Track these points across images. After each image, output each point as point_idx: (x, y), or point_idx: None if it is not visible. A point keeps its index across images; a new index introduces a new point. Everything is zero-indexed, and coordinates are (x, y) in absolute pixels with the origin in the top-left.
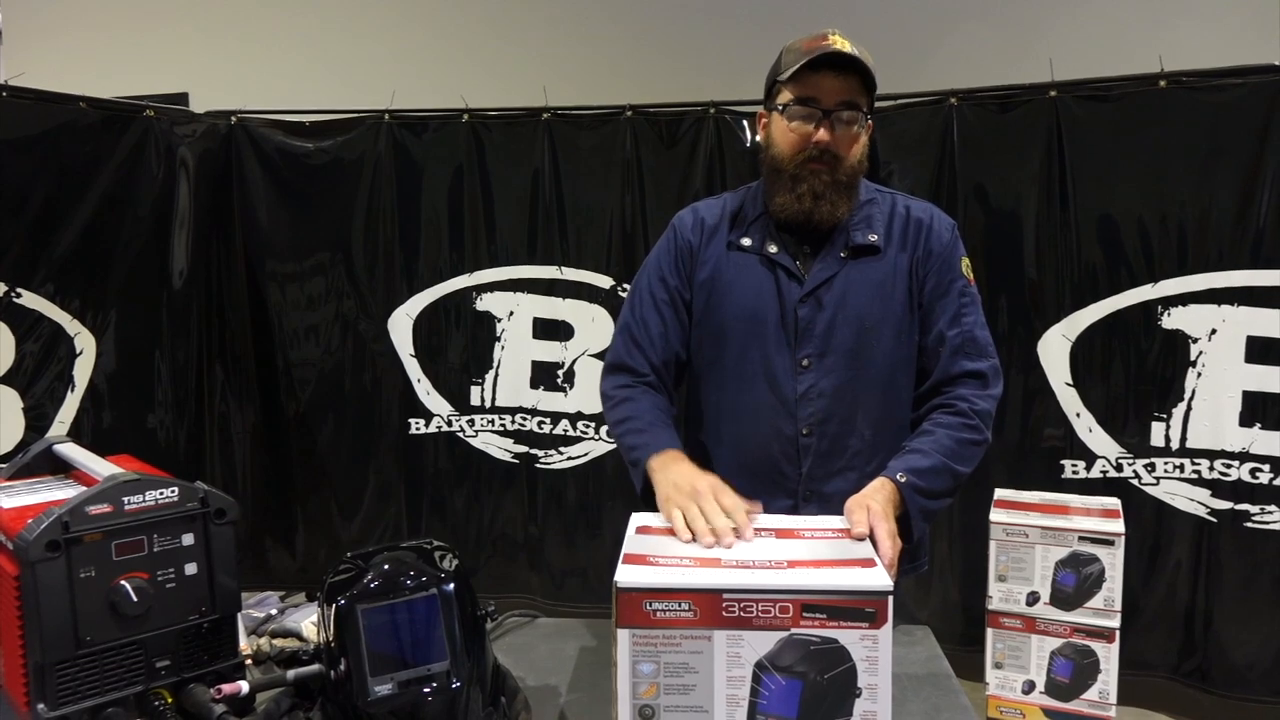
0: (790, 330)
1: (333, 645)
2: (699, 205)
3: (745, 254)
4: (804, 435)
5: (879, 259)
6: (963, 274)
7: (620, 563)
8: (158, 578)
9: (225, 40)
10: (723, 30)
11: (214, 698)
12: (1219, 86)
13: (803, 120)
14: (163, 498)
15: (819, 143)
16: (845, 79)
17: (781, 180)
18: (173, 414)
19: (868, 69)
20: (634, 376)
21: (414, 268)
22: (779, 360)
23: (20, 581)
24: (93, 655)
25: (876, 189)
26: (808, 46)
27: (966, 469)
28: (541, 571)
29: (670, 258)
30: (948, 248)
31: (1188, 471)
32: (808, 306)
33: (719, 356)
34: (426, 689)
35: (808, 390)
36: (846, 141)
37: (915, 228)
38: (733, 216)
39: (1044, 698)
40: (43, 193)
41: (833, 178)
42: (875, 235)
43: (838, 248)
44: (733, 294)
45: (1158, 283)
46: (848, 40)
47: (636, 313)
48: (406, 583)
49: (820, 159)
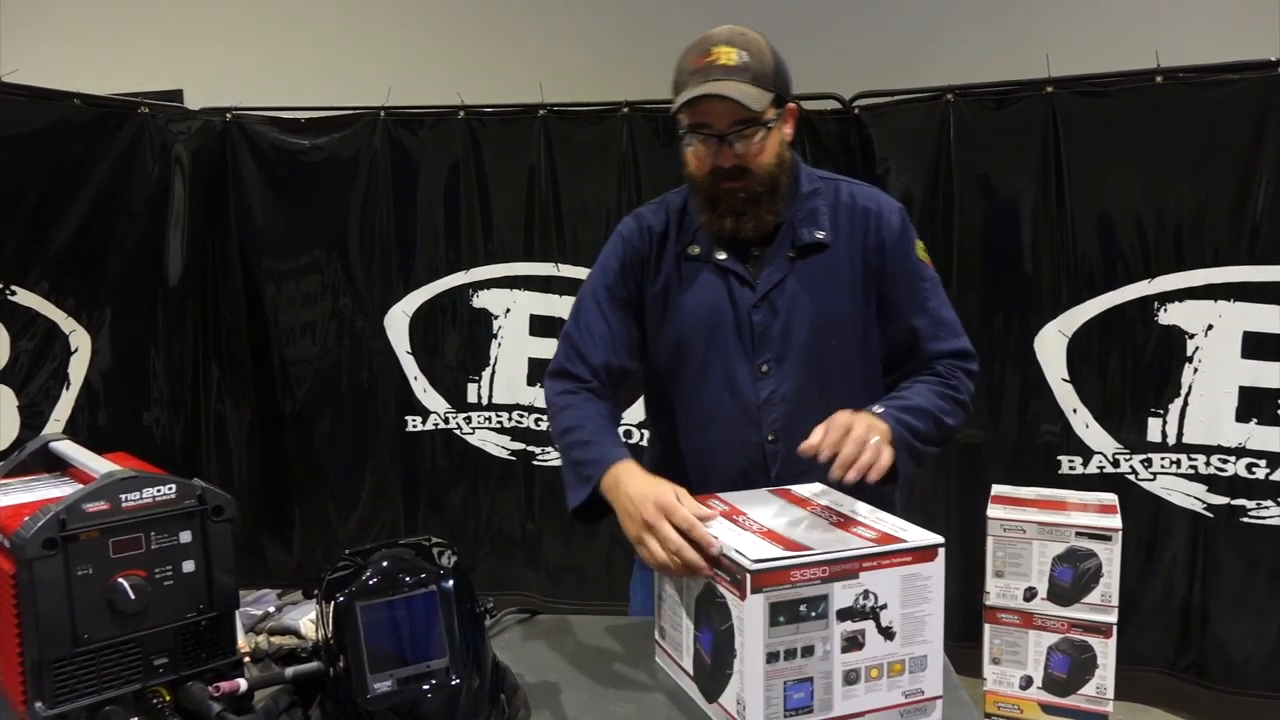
0: (747, 337)
1: (332, 642)
2: (643, 211)
3: (695, 263)
4: (770, 442)
5: (829, 254)
6: (918, 258)
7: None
8: (155, 575)
9: (220, 37)
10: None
11: (212, 695)
12: (1215, 82)
13: (702, 144)
14: (160, 495)
15: (721, 166)
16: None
17: (701, 200)
18: (168, 412)
19: (756, 78)
20: (576, 383)
21: (410, 265)
22: (739, 368)
23: (17, 579)
24: (90, 653)
25: (820, 176)
26: (694, 66)
27: (950, 420)
28: (539, 568)
29: (618, 265)
30: (899, 235)
31: (1184, 467)
32: (762, 311)
33: (678, 369)
34: (426, 686)
35: (770, 396)
36: (751, 155)
37: (863, 217)
38: (679, 221)
39: (1041, 693)
40: (37, 190)
41: (748, 192)
42: (822, 231)
43: (785, 247)
44: (686, 305)
45: (1154, 278)
46: (734, 48)
47: (581, 319)
48: (406, 579)
49: (730, 177)
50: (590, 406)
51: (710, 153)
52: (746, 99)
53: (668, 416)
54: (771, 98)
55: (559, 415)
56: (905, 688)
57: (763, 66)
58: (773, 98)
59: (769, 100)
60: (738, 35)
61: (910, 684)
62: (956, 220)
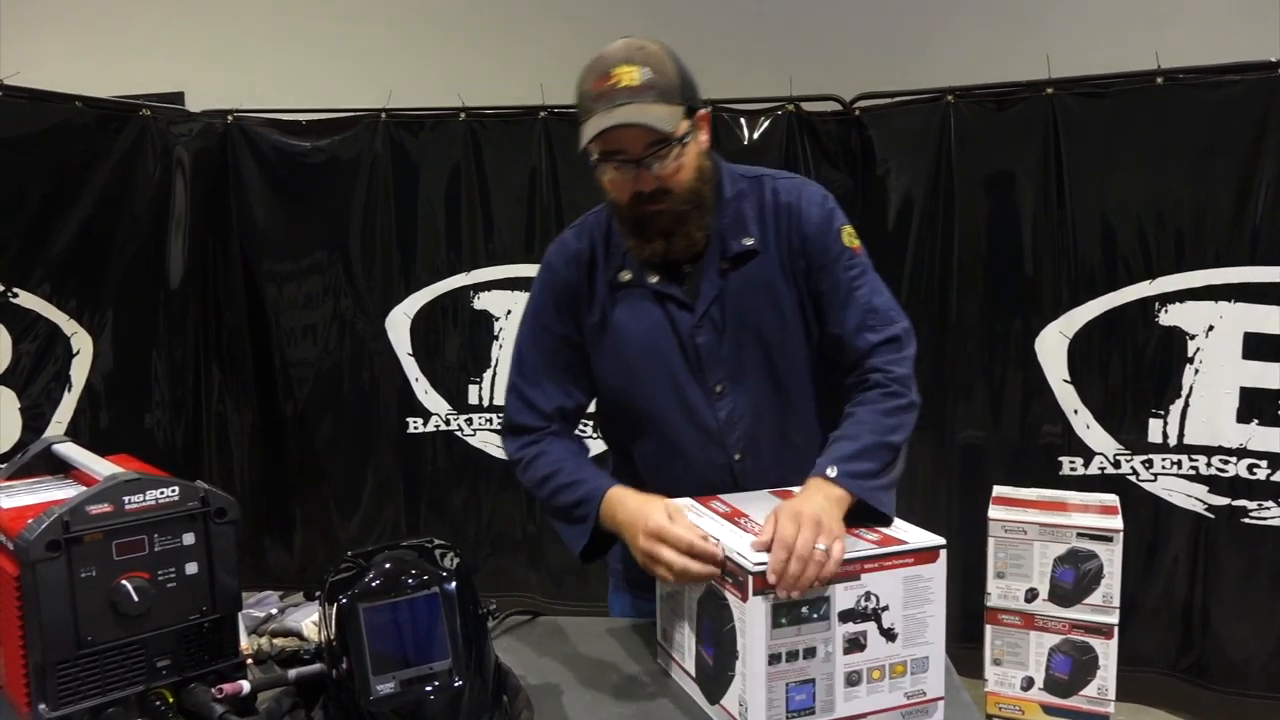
0: (694, 360)
1: (334, 644)
2: (566, 237)
3: (628, 289)
4: (737, 460)
5: (761, 260)
6: (844, 245)
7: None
8: (158, 577)
9: (221, 39)
10: (719, 29)
11: (215, 697)
12: (1216, 83)
13: (618, 171)
14: (163, 497)
15: (642, 191)
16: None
17: (626, 226)
18: (170, 414)
19: (663, 94)
20: (534, 433)
21: (411, 267)
22: (692, 392)
23: (21, 582)
24: (94, 655)
25: (744, 175)
26: (595, 91)
27: (900, 437)
28: (540, 570)
29: (551, 302)
30: (820, 226)
31: (1185, 468)
32: (704, 332)
33: (630, 403)
34: (429, 687)
35: (729, 416)
36: (671, 174)
37: (786, 214)
38: (604, 245)
39: (1043, 694)
40: (39, 192)
41: (674, 211)
42: (750, 238)
43: (716, 259)
44: (626, 336)
45: (1155, 279)
46: (634, 65)
47: (524, 368)
48: (408, 581)
49: (652, 200)
50: (557, 449)
51: (628, 178)
52: (658, 122)
53: (625, 446)
54: (683, 111)
55: (529, 469)
56: (907, 689)
57: (667, 81)
58: (684, 110)
59: (680, 114)
60: (636, 51)
61: (912, 685)
62: (957, 221)
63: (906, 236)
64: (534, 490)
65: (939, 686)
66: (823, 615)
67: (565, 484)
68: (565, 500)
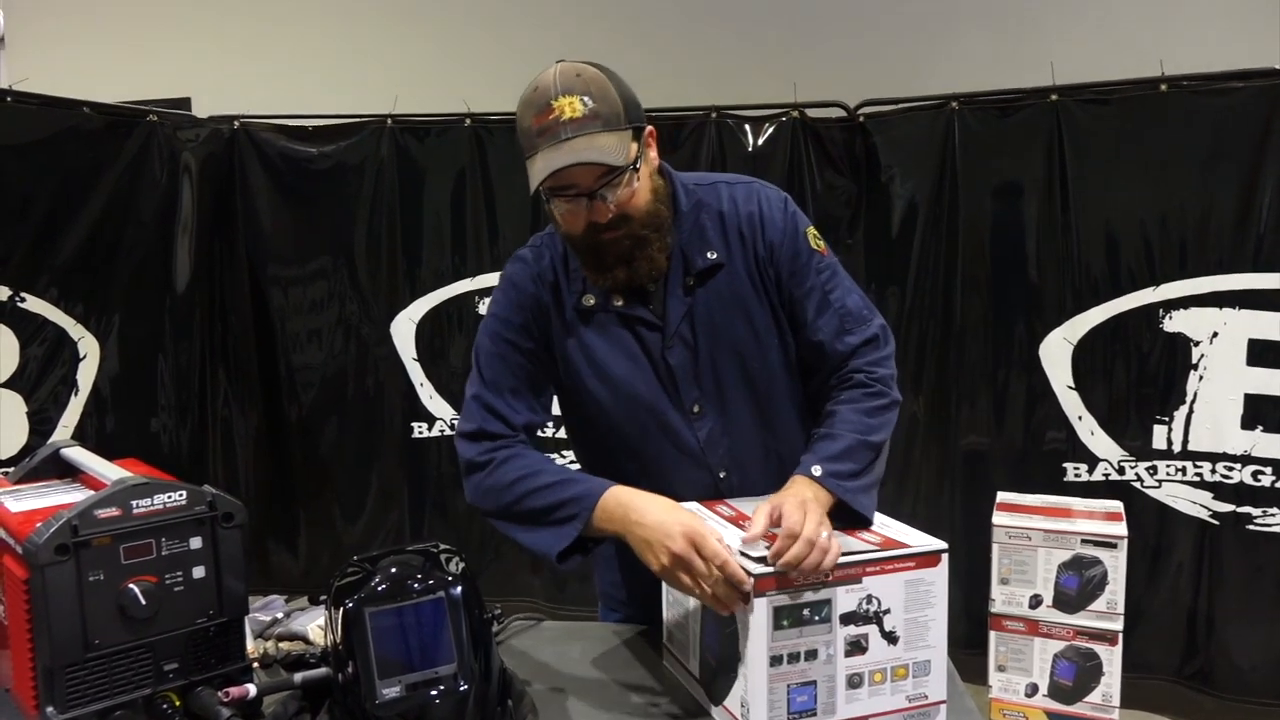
0: (667, 381)
1: (340, 648)
2: (525, 254)
3: (594, 314)
4: (721, 478)
5: (727, 272)
6: (811, 248)
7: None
8: (166, 581)
9: (228, 45)
10: (724, 35)
11: (221, 701)
12: (1220, 90)
13: (570, 204)
14: (171, 501)
15: (598, 221)
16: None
17: (584, 257)
18: (175, 418)
19: (608, 123)
20: (500, 439)
21: (416, 272)
22: (670, 415)
23: (29, 585)
24: (101, 658)
25: (698, 184)
26: (537, 126)
27: (882, 436)
28: (543, 575)
29: (519, 316)
30: (785, 231)
31: (1190, 474)
32: (675, 351)
33: (608, 429)
34: (434, 692)
35: (709, 435)
36: (626, 199)
37: (748, 222)
38: (564, 268)
39: (1047, 700)
40: (46, 197)
41: (633, 236)
42: (714, 251)
43: (680, 276)
44: (596, 362)
45: (1159, 286)
46: (574, 96)
47: (486, 376)
48: (414, 586)
49: (611, 228)
50: (531, 454)
51: (581, 210)
52: (608, 156)
53: (605, 470)
54: (630, 134)
55: (495, 472)
56: (909, 692)
57: (610, 107)
58: (631, 133)
59: (629, 139)
60: (573, 79)
61: (914, 689)
62: (961, 228)
63: (911, 243)
64: (492, 494)
65: (941, 690)
66: (824, 618)
67: (544, 485)
68: (542, 502)
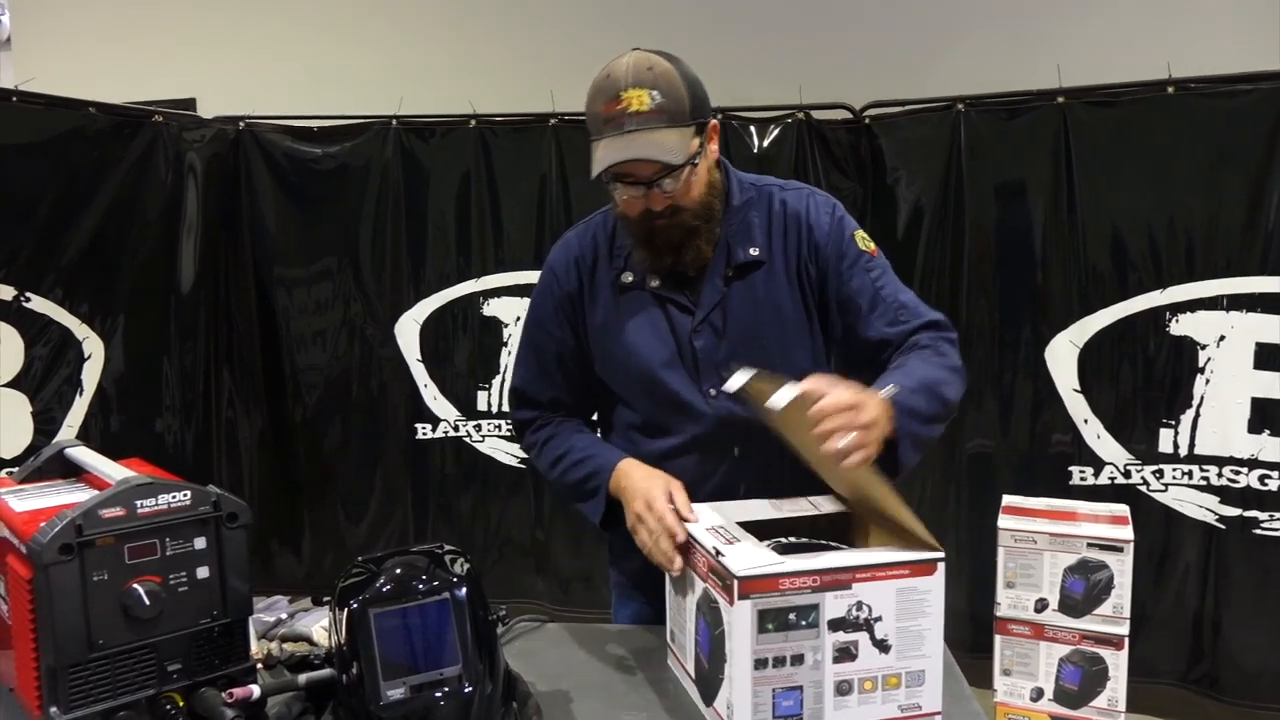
0: (690, 363)
1: (344, 649)
2: (570, 237)
3: (631, 291)
4: (736, 456)
5: (765, 271)
6: (860, 249)
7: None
8: (170, 581)
9: (233, 46)
10: (729, 37)
11: (225, 702)
12: (1227, 93)
13: (629, 190)
14: (175, 501)
15: (654, 209)
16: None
17: (637, 240)
18: (180, 418)
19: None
20: (538, 420)
21: (421, 273)
22: (688, 395)
23: (34, 585)
24: (105, 659)
25: (753, 184)
26: (605, 114)
27: (952, 394)
28: (548, 576)
29: (552, 309)
30: (832, 233)
31: (1196, 478)
32: (702, 337)
33: (630, 399)
34: (438, 693)
35: (725, 416)
36: (682, 192)
37: (795, 224)
38: (608, 245)
39: (1052, 705)
40: (52, 198)
41: (683, 225)
42: (756, 248)
43: (721, 266)
44: (627, 338)
45: (1166, 289)
46: (644, 89)
47: (522, 368)
48: (419, 587)
49: (662, 215)
50: (563, 430)
51: (639, 197)
52: (667, 154)
53: (628, 447)
54: (693, 130)
55: (541, 455)
56: (901, 701)
57: (677, 103)
58: (694, 129)
59: (690, 135)
60: (644, 72)
61: (906, 698)
62: (967, 230)
63: (916, 245)
64: (547, 475)
65: (935, 701)
66: (811, 623)
67: (575, 461)
68: (575, 477)
